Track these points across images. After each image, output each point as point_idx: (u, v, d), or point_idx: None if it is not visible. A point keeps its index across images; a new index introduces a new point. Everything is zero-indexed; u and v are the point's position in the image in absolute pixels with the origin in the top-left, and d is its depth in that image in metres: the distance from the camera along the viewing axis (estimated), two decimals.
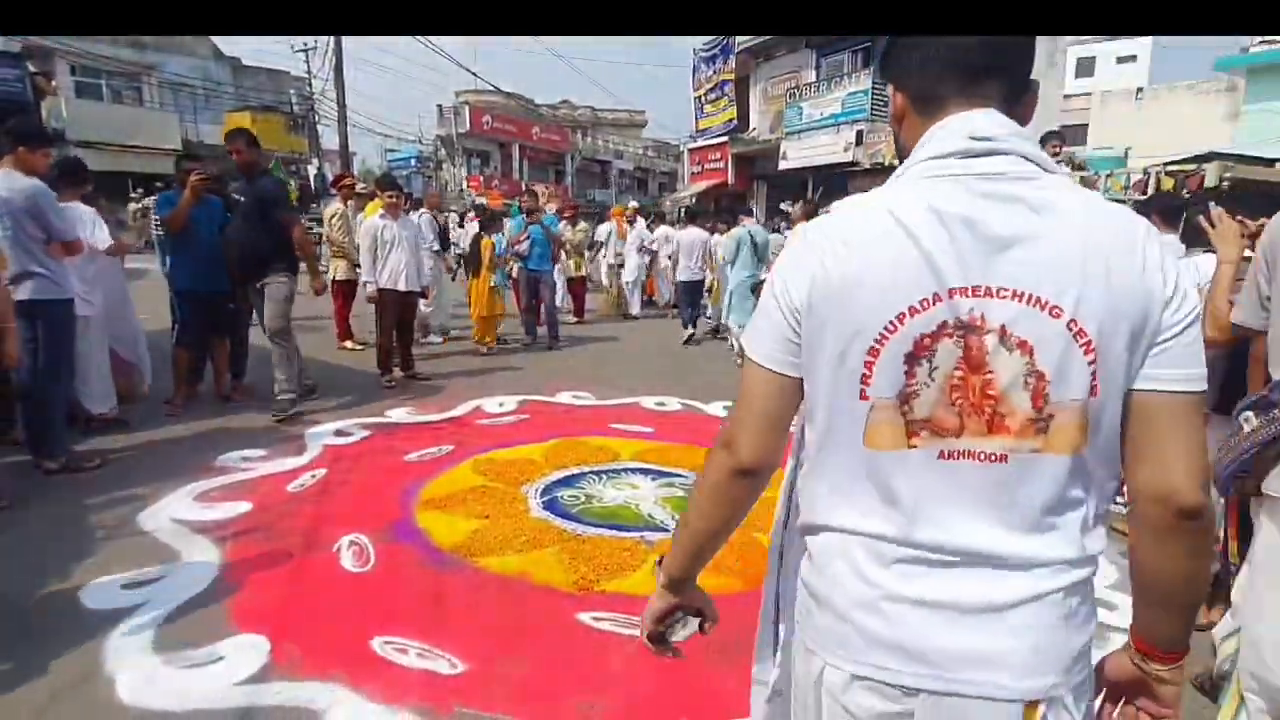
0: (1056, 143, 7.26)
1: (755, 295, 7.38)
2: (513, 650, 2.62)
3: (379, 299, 6.56)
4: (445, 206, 10.81)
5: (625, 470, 4.52)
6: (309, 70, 27.37)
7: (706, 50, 23.66)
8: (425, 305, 8.83)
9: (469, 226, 10.30)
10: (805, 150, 18.90)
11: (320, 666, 2.46)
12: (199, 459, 4.45)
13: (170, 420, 5.17)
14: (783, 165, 19.58)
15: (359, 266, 7.01)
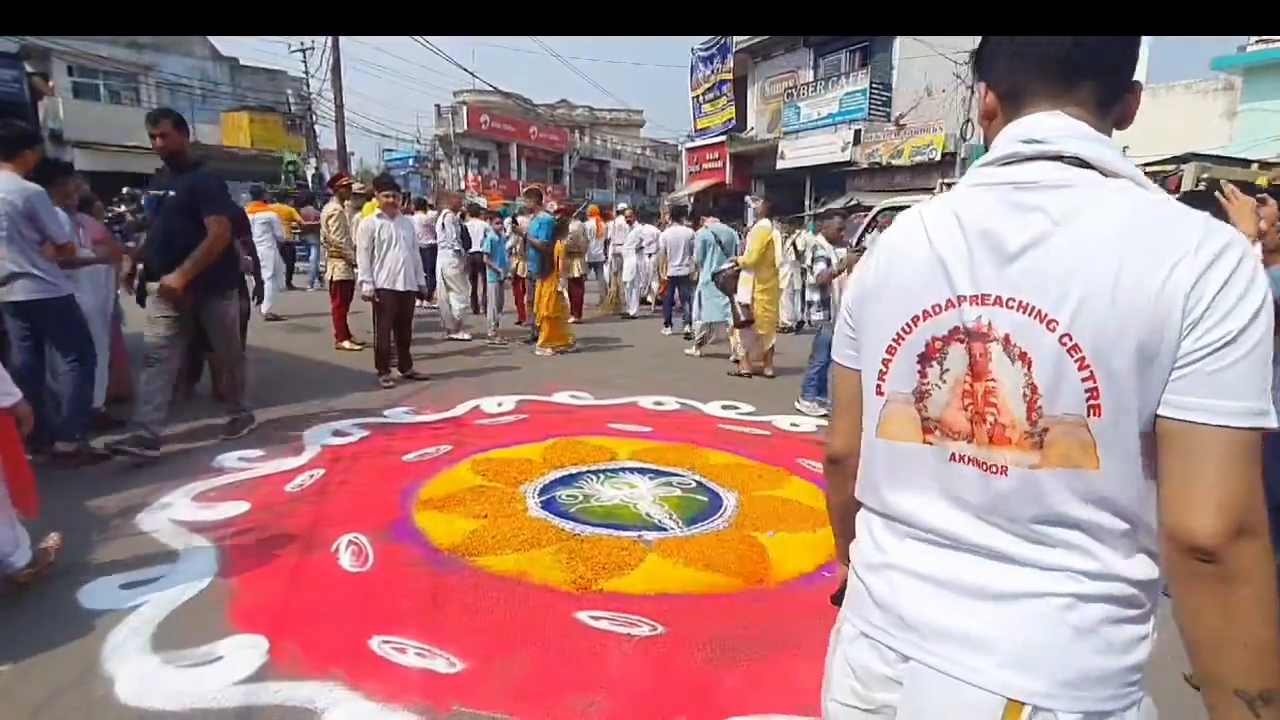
0: None
1: (716, 286, 7.73)
2: (511, 649, 2.62)
3: (377, 299, 6.56)
4: (466, 207, 11.02)
5: (623, 470, 4.52)
6: (306, 70, 27.36)
7: (704, 50, 23.67)
8: (458, 300, 9.09)
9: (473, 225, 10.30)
10: (803, 150, 18.92)
11: (319, 666, 2.47)
12: (197, 459, 4.45)
13: (168, 420, 5.15)
14: (780, 165, 19.59)
15: (356, 266, 7.01)
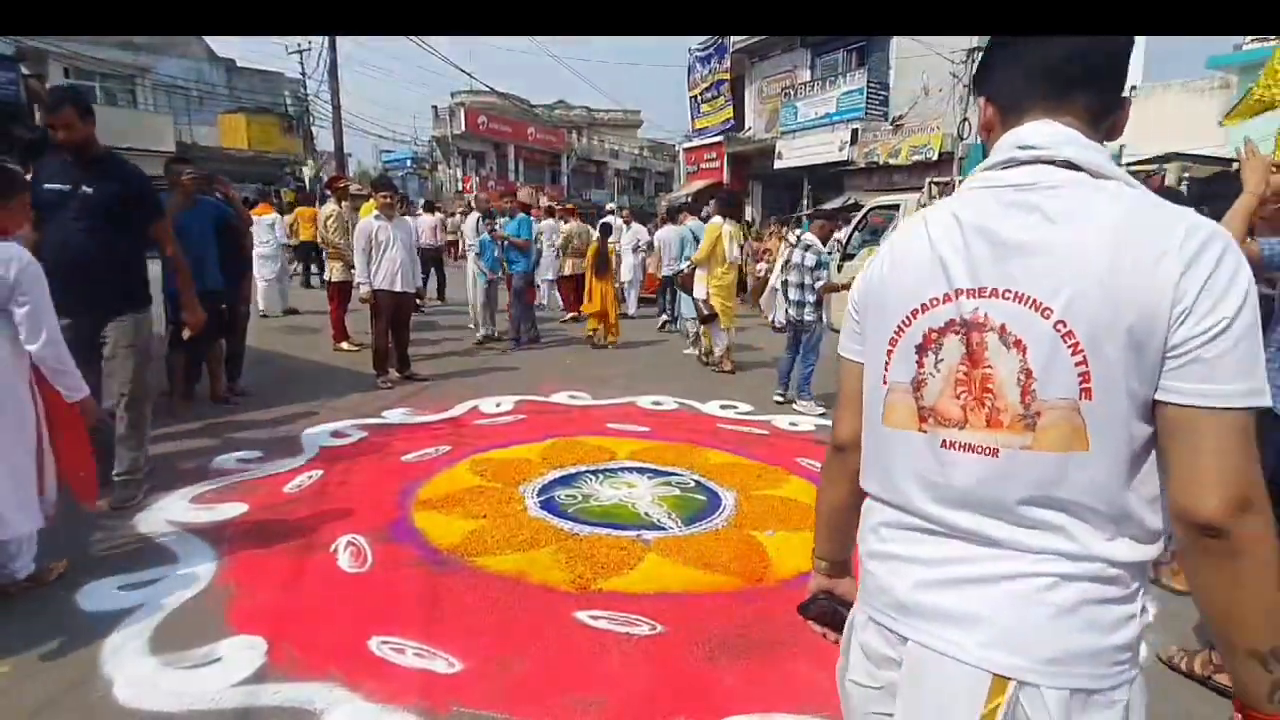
0: None
1: (677, 285, 8.17)
2: (510, 649, 2.62)
3: (374, 300, 6.56)
4: (492, 209, 11.25)
5: (622, 469, 4.52)
6: (303, 72, 27.35)
7: (702, 50, 23.68)
8: (483, 304, 9.18)
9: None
10: (800, 149, 18.93)
11: (318, 667, 2.46)
12: (195, 461, 4.44)
13: (166, 422, 5.16)
14: (778, 165, 19.60)
15: (355, 268, 7.01)
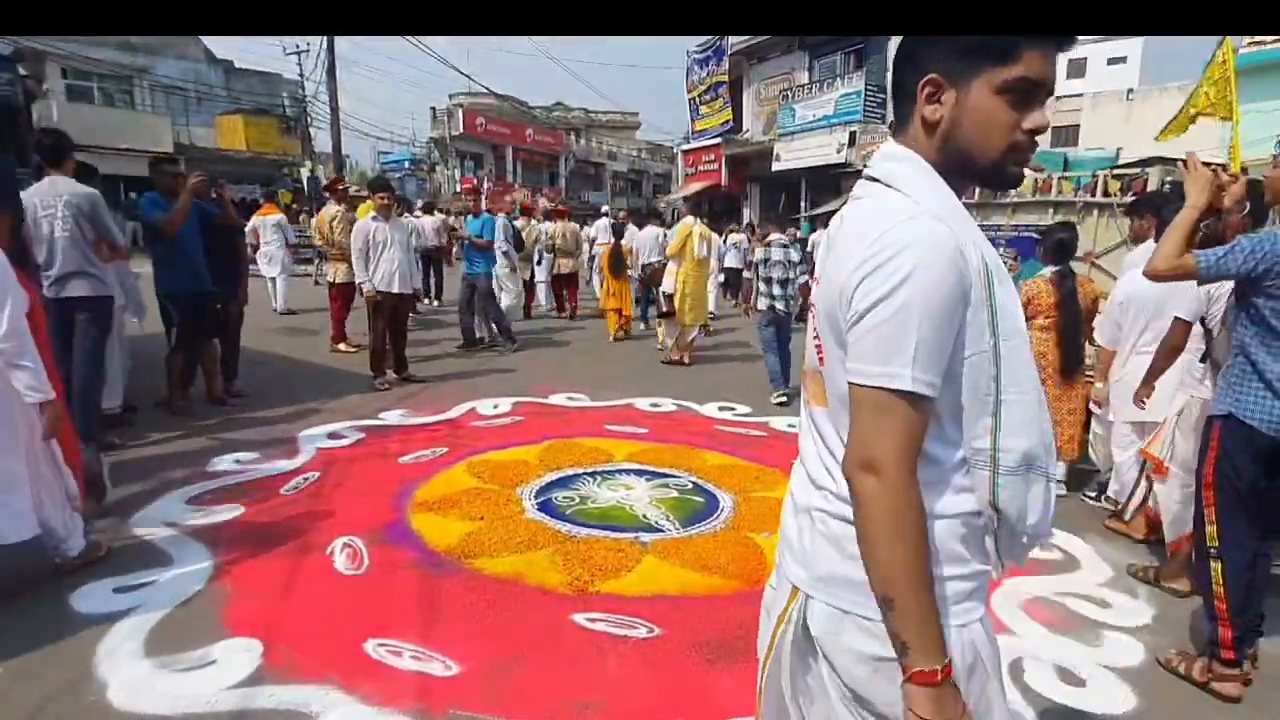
0: None
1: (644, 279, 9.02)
2: (507, 652, 2.62)
3: (378, 296, 6.54)
4: (514, 212, 11.44)
5: (620, 471, 4.51)
6: (301, 73, 27.36)
7: (700, 52, 23.69)
8: (508, 298, 9.36)
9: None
10: (798, 152, 18.94)
11: (314, 669, 2.45)
12: (192, 462, 4.43)
13: (164, 423, 5.15)
14: (776, 167, 19.61)
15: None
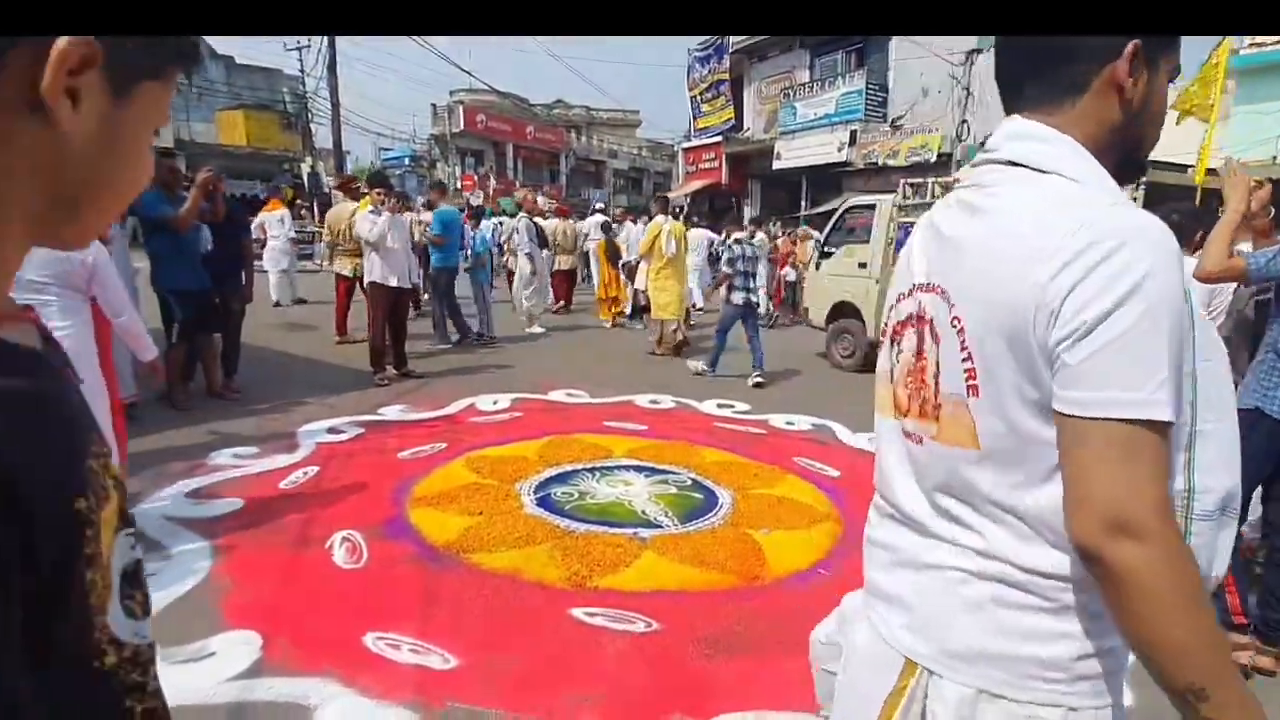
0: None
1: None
2: (506, 646, 2.62)
3: (371, 295, 6.53)
4: (543, 212, 11.81)
5: (619, 467, 4.51)
6: (302, 69, 27.31)
7: (701, 50, 23.67)
8: (526, 298, 9.56)
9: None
10: (799, 150, 18.95)
11: (313, 662, 2.46)
12: (191, 456, 4.43)
13: (164, 417, 5.15)
14: (777, 165, 19.62)
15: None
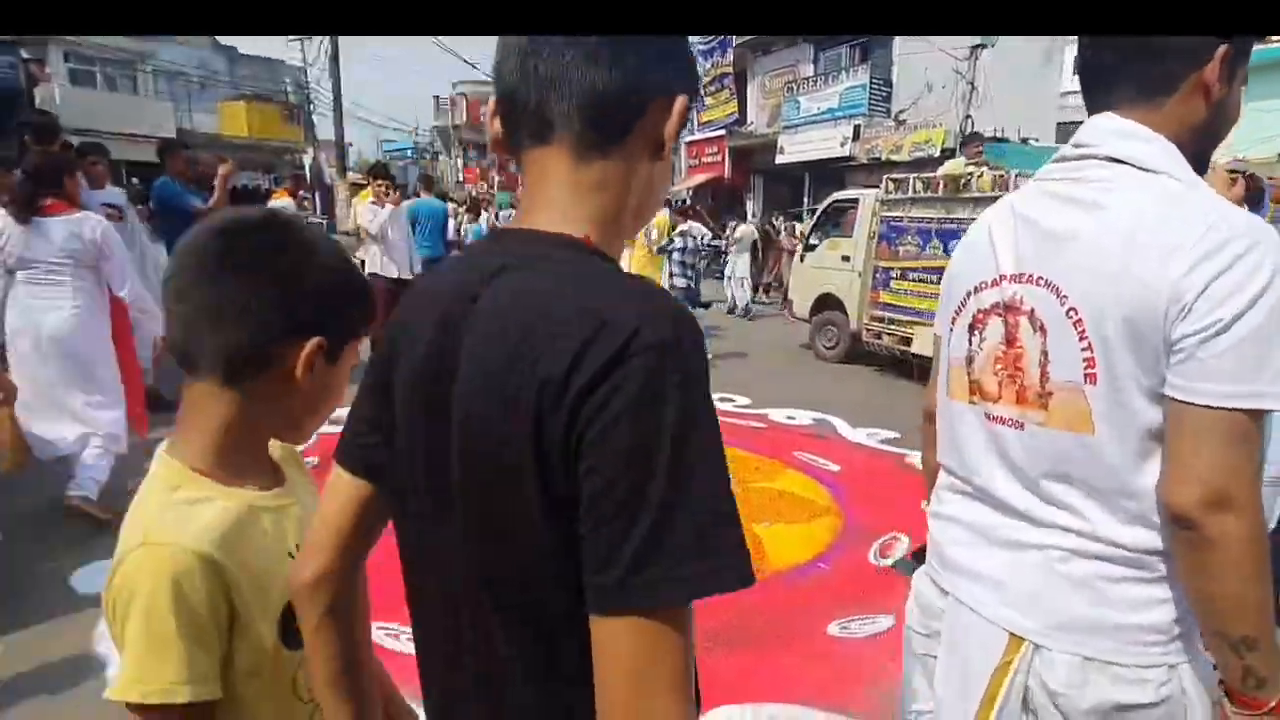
0: (978, 145, 8.01)
1: None
2: None
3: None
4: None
5: None
6: (304, 60, 27.23)
7: (704, 44, 23.57)
8: None
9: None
10: (802, 145, 18.88)
11: None
12: None
13: (164, 405, 5.15)
14: (780, 160, 19.55)
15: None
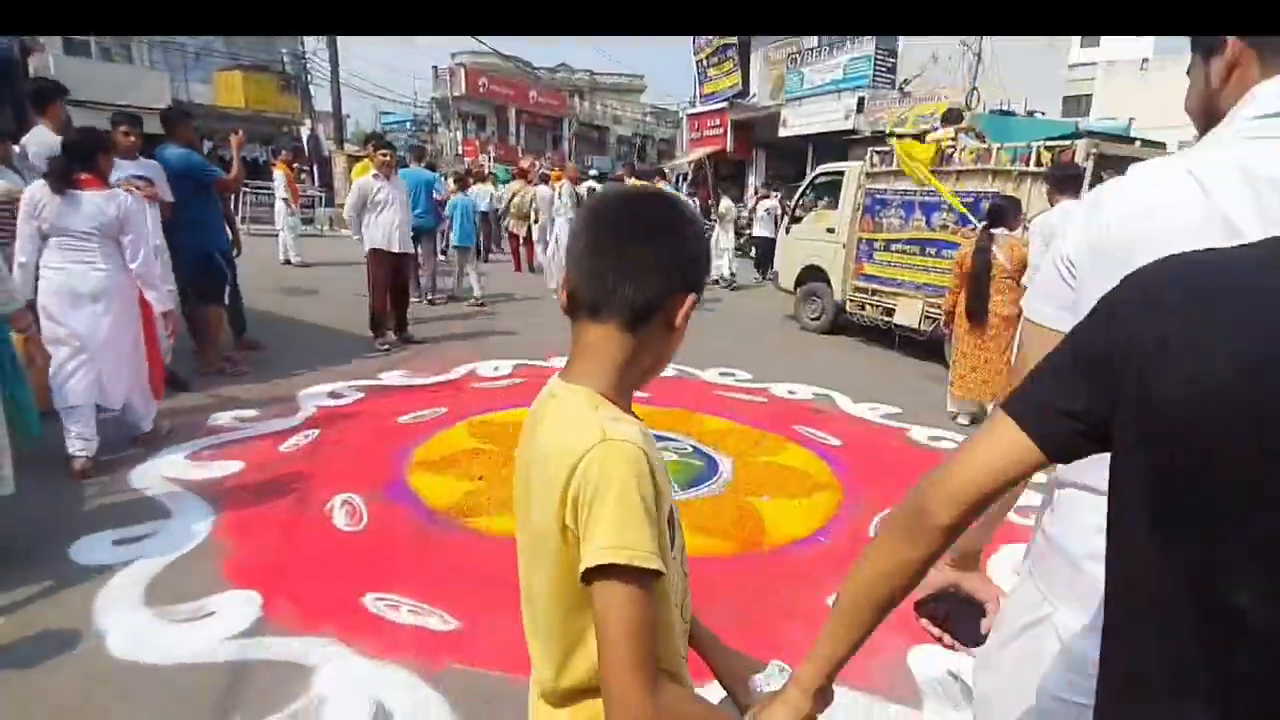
0: (960, 119, 7.58)
1: None
2: (504, 607, 2.62)
3: (371, 260, 6.49)
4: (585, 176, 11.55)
5: None
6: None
7: None
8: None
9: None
10: (806, 117, 18.65)
11: (312, 622, 2.47)
12: (192, 418, 4.43)
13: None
14: (783, 132, 19.33)
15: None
